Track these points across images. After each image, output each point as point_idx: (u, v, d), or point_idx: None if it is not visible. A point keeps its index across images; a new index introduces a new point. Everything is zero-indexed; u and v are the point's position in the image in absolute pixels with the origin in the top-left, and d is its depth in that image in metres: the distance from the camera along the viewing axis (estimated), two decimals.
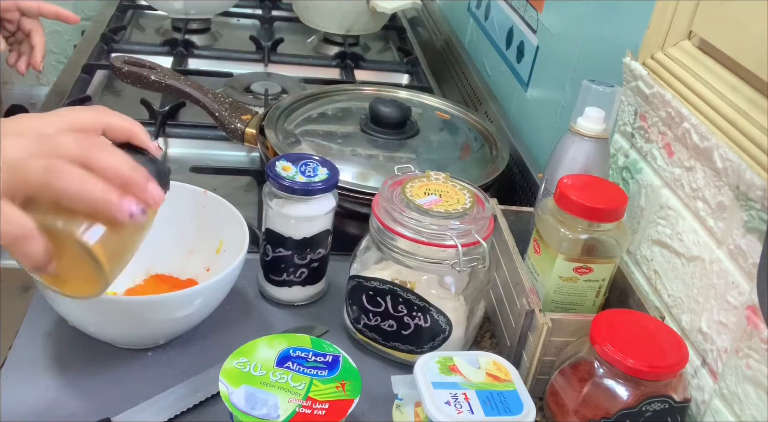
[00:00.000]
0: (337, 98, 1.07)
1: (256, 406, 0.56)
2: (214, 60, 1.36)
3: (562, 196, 0.67)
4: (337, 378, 0.60)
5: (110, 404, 0.63)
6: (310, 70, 1.37)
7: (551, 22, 1.03)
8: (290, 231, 0.74)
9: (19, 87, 2.21)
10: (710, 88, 0.65)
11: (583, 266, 0.68)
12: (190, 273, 0.76)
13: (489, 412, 0.57)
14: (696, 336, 0.65)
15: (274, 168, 0.73)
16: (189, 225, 0.77)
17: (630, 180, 0.76)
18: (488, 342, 0.76)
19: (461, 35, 1.47)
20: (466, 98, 1.30)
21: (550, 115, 1.00)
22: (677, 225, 0.68)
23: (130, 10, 1.56)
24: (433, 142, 0.99)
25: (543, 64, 1.05)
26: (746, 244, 0.58)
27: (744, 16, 0.61)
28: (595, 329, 0.61)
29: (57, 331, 0.70)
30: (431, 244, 0.66)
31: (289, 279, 0.76)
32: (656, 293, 0.71)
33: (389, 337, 0.71)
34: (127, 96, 1.20)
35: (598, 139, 0.72)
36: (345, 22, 1.46)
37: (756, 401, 0.57)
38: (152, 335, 0.69)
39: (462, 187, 0.71)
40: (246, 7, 1.62)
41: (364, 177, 0.88)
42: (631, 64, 0.75)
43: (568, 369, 0.63)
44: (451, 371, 0.61)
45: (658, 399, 0.59)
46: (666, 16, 0.71)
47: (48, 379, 0.65)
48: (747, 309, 0.58)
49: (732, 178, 0.60)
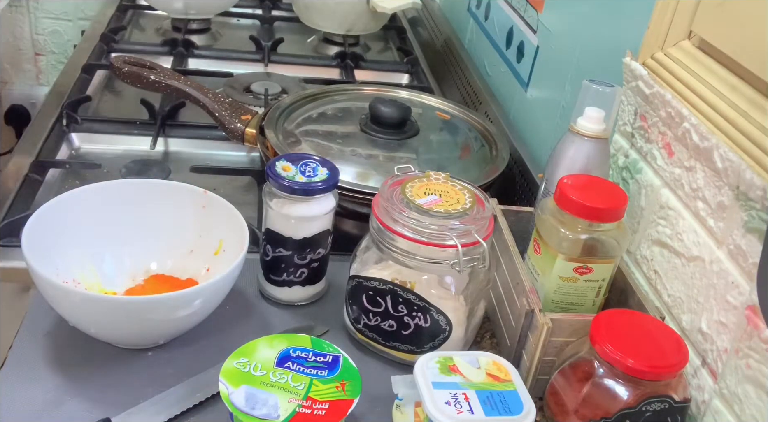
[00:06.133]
0: (337, 98, 1.07)
1: (256, 406, 0.56)
2: (214, 60, 1.36)
3: (562, 196, 0.67)
4: (337, 378, 0.60)
5: (110, 404, 0.63)
6: (310, 70, 1.37)
7: (551, 22, 1.03)
8: (290, 231, 0.74)
9: (19, 87, 2.21)
10: (710, 88, 0.65)
11: (583, 266, 0.68)
12: (190, 273, 0.76)
13: (489, 412, 0.57)
14: (696, 336, 0.65)
15: (274, 168, 0.73)
16: (189, 225, 0.77)
17: (630, 180, 0.76)
18: (488, 342, 0.76)
19: (461, 35, 1.47)
20: (466, 98, 1.30)
21: (550, 115, 1.00)
22: (677, 225, 0.68)
23: (130, 10, 1.56)
24: (433, 142, 0.99)
25: (543, 64, 1.05)
26: (746, 244, 0.58)
27: (744, 16, 0.61)
28: (595, 329, 0.61)
29: (57, 331, 0.70)
30: (431, 244, 0.66)
31: (289, 279, 0.76)
32: (656, 293, 0.71)
33: (389, 337, 0.71)
34: (127, 96, 1.20)
35: (598, 139, 0.72)
36: (345, 22, 1.46)
37: (756, 401, 0.57)
38: (152, 335, 0.69)
39: (462, 187, 0.71)
40: (246, 7, 1.62)
41: (364, 177, 0.88)
42: (631, 64, 0.75)
43: (568, 369, 0.63)
44: (451, 371, 0.61)
45: (658, 399, 0.59)
46: (666, 16, 0.71)
47: (48, 379, 0.65)
48: (747, 309, 0.58)
49: (732, 178, 0.60)
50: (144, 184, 0.78)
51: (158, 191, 0.77)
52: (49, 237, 0.69)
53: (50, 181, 0.96)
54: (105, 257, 0.75)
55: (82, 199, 0.73)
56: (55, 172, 0.98)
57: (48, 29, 2.15)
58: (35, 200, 0.91)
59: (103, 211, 0.75)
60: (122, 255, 0.76)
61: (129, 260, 0.76)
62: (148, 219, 0.76)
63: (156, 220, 0.77)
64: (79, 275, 0.72)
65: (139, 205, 0.76)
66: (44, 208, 0.70)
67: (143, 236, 0.76)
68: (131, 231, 0.76)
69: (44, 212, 0.70)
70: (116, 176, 0.97)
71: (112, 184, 0.76)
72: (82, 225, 0.73)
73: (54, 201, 0.71)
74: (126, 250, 0.76)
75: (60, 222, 0.71)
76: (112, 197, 0.75)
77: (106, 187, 0.75)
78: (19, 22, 2.12)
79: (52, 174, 0.97)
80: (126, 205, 0.76)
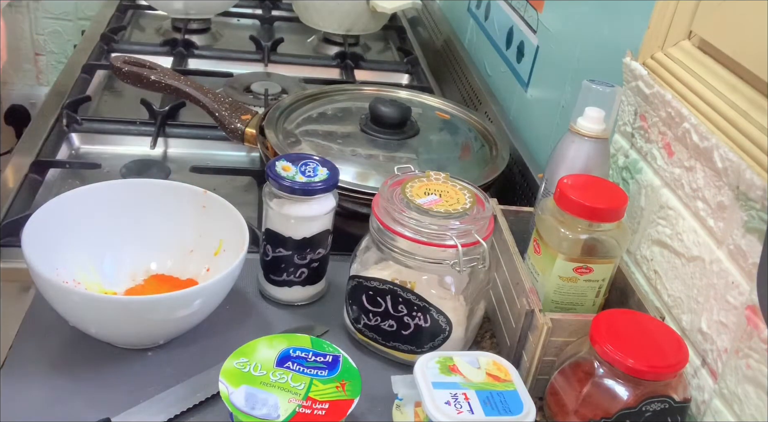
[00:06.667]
0: (337, 98, 1.07)
1: (256, 406, 0.56)
2: (214, 60, 1.37)
3: (562, 196, 0.67)
4: (337, 378, 0.60)
5: (110, 404, 0.63)
6: (310, 70, 1.37)
7: (551, 22, 1.03)
8: (290, 232, 0.74)
9: (19, 87, 2.21)
10: (710, 88, 0.65)
11: (583, 266, 0.68)
12: (190, 273, 0.76)
13: (489, 412, 0.57)
14: (696, 336, 0.65)
15: (274, 168, 0.73)
16: (189, 225, 0.77)
17: (630, 180, 0.76)
18: (488, 342, 0.76)
19: (461, 35, 1.47)
20: (466, 98, 1.30)
21: (550, 115, 1.00)
22: (677, 225, 0.68)
23: (130, 10, 1.56)
24: (433, 142, 0.99)
25: (543, 64, 1.05)
26: (746, 244, 0.58)
27: (744, 16, 0.61)
28: (595, 329, 0.61)
29: (57, 331, 0.70)
30: (431, 244, 0.66)
31: (289, 279, 0.76)
32: (656, 293, 0.71)
33: (389, 337, 0.71)
34: (127, 96, 1.20)
35: (598, 139, 0.72)
36: (345, 22, 1.46)
37: (756, 401, 0.57)
38: (152, 335, 0.69)
39: (462, 187, 0.71)
40: (246, 7, 1.62)
41: (364, 177, 0.88)
42: (631, 64, 0.75)
43: (568, 369, 0.63)
44: (451, 371, 0.61)
45: (658, 399, 0.59)
46: (666, 16, 0.71)
47: (48, 379, 0.65)
48: (747, 309, 0.58)
49: (732, 178, 0.60)
50: (144, 184, 0.78)
51: (158, 191, 0.77)
52: (49, 237, 0.69)
53: (50, 180, 0.96)
54: (105, 257, 0.75)
55: (82, 198, 0.73)
56: (55, 172, 0.98)
57: (48, 29, 2.15)
58: (35, 200, 0.91)
59: (103, 210, 0.75)
60: (122, 255, 0.76)
61: (129, 260, 0.76)
62: (149, 219, 0.76)
63: (156, 220, 0.77)
64: (79, 275, 0.72)
65: (140, 205, 0.76)
66: (44, 208, 0.70)
67: (143, 236, 0.76)
68: (131, 231, 0.76)
69: (44, 212, 0.70)
70: (116, 176, 0.97)
71: (113, 184, 0.76)
72: (82, 225, 0.73)
73: (54, 201, 0.71)
74: (126, 250, 0.76)
75: (60, 222, 0.71)
76: (112, 197, 0.75)
77: (106, 187, 0.75)
78: (19, 22, 2.12)
79: (52, 174, 0.97)
80: (126, 205, 0.76)
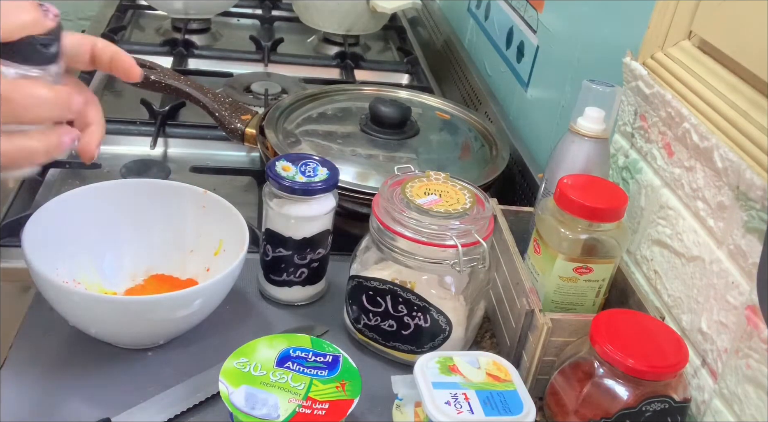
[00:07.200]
0: (337, 98, 1.07)
1: (256, 406, 0.56)
2: (214, 60, 1.36)
3: (562, 196, 0.67)
4: (337, 378, 0.60)
5: (110, 404, 0.63)
6: (310, 70, 1.37)
7: (551, 22, 1.03)
8: (290, 232, 0.74)
9: None
10: (710, 88, 0.65)
11: (583, 266, 0.68)
12: (190, 273, 0.76)
13: (489, 412, 0.57)
14: (696, 336, 0.65)
15: (274, 168, 0.73)
16: (189, 225, 0.77)
17: (630, 180, 0.76)
18: (488, 342, 0.76)
19: (461, 35, 1.47)
20: (466, 98, 1.30)
21: (550, 115, 1.00)
22: (677, 225, 0.68)
23: (130, 10, 1.56)
24: (433, 142, 0.99)
25: (543, 64, 1.05)
26: (746, 244, 0.58)
27: (744, 16, 0.61)
28: (595, 329, 0.61)
29: (57, 331, 0.70)
30: (431, 244, 0.66)
31: (289, 279, 0.76)
32: (656, 293, 0.71)
33: (389, 337, 0.71)
34: (127, 96, 1.20)
35: (598, 139, 0.72)
36: (345, 22, 1.46)
37: (756, 401, 0.57)
38: (152, 335, 0.69)
39: (462, 186, 0.71)
40: (246, 7, 1.62)
41: (364, 177, 0.88)
42: (631, 64, 0.74)
43: (568, 369, 0.63)
44: (451, 371, 0.61)
45: (658, 399, 0.59)
46: (666, 16, 0.71)
47: (48, 379, 0.65)
48: (747, 309, 0.58)
49: (732, 178, 0.60)
50: (144, 184, 0.78)
51: (158, 191, 0.77)
52: (50, 237, 0.69)
53: (50, 180, 0.96)
54: (105, 257, 0.75)
55: (82, 198, 0.73)
56: (55, 172, 0.98)
57: None
58: (35, 200, 0.91)
59: (104, 210, 0.75)
60: (122, 255, 0.76)
61: (129, 260, 0.76)
62: (148, 219, 0.76)
63: (156, 220, 0.77)
64: (79, 275, 0.72)
65: (140, 205, 0.76)
66: (44, 208, 0.70)
67: (143, 236, 0.76)
68: (131, 231, 0.76)
69: (44, 212, 0.70)
70: (116, 176, 0.97)
71: (113, 184, 0.76)
72: (82, 225, 0.73)
73: (54, 201, 0.71)
74: (126, 250, 0.76)
75: (60, 222, 0.71)
76: (112, 197, 0.75)
77: (106, 186, 0.75)
78: None
79: (52, 174, 0.97)
80: (126, 205, 0.76)
